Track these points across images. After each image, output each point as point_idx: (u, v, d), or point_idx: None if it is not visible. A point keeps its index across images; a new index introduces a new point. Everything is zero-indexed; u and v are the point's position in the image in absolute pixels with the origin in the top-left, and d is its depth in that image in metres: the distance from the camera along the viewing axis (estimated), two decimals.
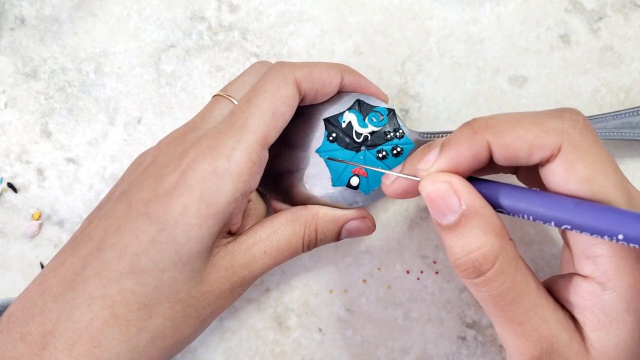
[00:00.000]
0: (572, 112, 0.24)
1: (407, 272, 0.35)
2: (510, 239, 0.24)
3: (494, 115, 0.25)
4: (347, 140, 0.31)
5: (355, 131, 0.31)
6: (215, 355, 0.35)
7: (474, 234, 0.23)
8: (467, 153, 0.24)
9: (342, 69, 0.31)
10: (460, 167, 0.24)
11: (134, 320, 0.26)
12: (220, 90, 0.32)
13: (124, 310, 0.26)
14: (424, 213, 0.36)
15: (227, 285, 0.29)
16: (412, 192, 0.26)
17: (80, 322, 0.26)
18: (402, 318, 0.35)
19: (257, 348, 0.35)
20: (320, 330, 0.35)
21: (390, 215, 0.36)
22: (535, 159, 0.24)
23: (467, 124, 0.25)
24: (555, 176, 0.23)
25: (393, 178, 0.27)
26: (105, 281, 0.26)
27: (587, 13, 0.35)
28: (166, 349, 0.28)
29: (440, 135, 0.32)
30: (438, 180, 0.24)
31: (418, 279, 0.35)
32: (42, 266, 0.36)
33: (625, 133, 0.32)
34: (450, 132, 0.32)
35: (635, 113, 0.32)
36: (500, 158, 0.24)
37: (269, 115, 0.28)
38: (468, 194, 0.24)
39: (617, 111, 0.32)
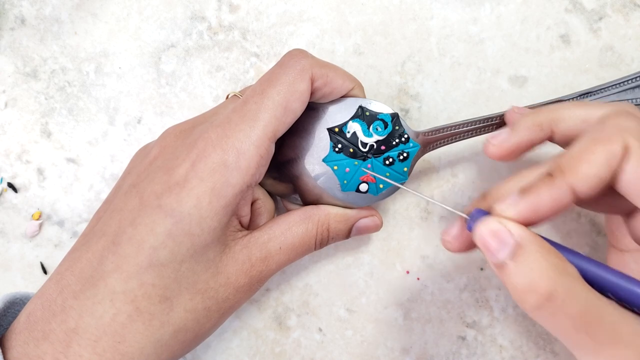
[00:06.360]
0: (625, 111, 0.25)
1: (407, 272, 0.35)
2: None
3: (564, 154, 0.25)
4: (353, 150, 0.31)
5: (361, 141, 0.31)
6: (216, 355, 0.35)
7: (533, 260, 0.23)
8: (547, 199, 0.24)
9: (357, 82, 0.31)
10: (540, 214, 0.24)
11: (156, 313, 0.26)
12: (239, 91, 0.32)
13: (146, 303, 0.26)
14: (424, 213, 0.36)
15: (246, 279, 0.29)
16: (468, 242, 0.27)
17: (103, 318, 0.26)
18: (402, 318, 0.35)
19: (257, 348, 0.35)
20: (320, 330, 0.35)
21: (390, 215, 0.36)
22: (613, 166, 0.23)
23: (546, 175, 0.24)
24: (633, 181, 0.23)
25: (454, 233, 0.27)
26: (126, 276, 0.26)
27: (587, 13, 0.35)
28: (187, 342, 0.28)
29: (442, 130, 0.32)
30: (489, 220, 0.24)
31: (418, 278, 0.35)
32: (43, 266, 0.36)
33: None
34: (448, 126, 0.32)
35: (635, 80, 0.32)
36: (589, 188, 0.24)
37: (281, 110, 0.28)
38: (516, 227, 0.23)
39: (619, 79, 0.32)
